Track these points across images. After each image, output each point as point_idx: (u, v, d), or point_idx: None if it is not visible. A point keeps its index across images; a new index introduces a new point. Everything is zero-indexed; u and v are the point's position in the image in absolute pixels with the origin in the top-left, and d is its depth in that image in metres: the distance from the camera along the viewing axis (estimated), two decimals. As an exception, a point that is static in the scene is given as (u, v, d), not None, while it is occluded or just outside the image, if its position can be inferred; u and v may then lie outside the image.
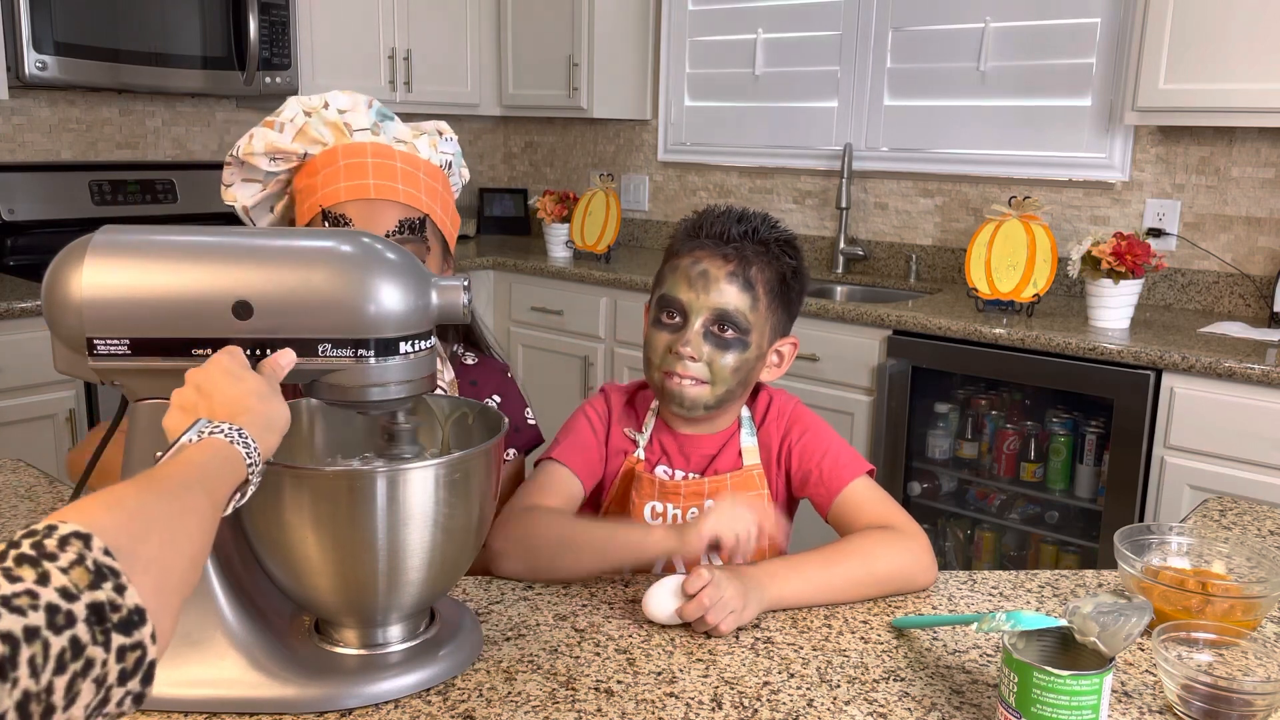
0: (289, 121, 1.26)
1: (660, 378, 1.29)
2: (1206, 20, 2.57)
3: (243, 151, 1.26)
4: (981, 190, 3.34)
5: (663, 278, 1.31)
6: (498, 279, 3.83)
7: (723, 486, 1.32)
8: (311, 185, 1.26)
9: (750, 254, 1.27)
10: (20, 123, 3.23)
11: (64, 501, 1.42)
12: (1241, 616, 1.09)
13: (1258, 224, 2.88)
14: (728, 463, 1.34)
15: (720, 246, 1.26)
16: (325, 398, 0.93)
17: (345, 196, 1.24)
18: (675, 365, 1.26)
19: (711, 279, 1.25)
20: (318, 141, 1.27)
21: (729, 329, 1.26)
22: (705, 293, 1.25)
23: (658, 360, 1.29)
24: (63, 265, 0.90)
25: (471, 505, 0.97)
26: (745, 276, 1.26)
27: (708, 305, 1.25)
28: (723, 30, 3.84)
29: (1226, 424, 2.39)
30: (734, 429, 1.36)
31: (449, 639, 1.01)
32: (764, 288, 1.27)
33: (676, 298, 1.27)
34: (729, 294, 1.25)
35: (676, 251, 1.30)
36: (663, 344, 1.28)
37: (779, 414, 1.36)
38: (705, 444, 1.35)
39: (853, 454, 1.33)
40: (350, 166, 1.25)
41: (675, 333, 1.27)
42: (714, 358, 1.26)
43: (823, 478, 1.30)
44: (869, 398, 2.94)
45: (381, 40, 3.73)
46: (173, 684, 0.92)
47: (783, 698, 0.97)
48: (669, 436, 1.36)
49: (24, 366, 2.64)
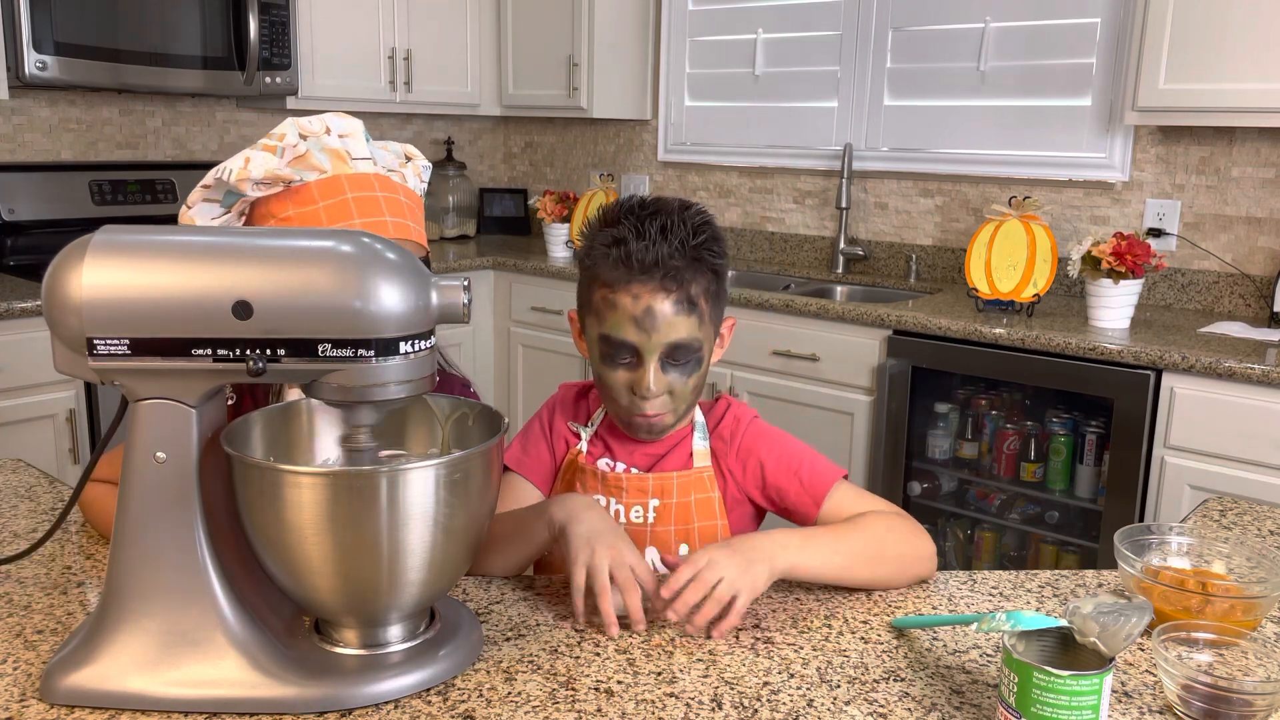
0: (290, 147, 1.21)
1: (626, 417, 1.28)
2: (1206, 20, 2.57)
3: (236, 176, 1.19)
4: (981, 190, 3.34)
5: (599, 312, 1.24)
6: (498, 279, 3.82)
7: (668, 484, 1.31)
8: (312, 215, 1.21)
9: (685, 273, 1.21)
10: (20, 123, 3.23)
11: (64, 502, 1.42)
12: (1241, 616, 1.09)
13: (1258, 224, 2.88)
14: (676, 463, 1.33)
15: (655, 276, 1.20)
16: (325, 398, 0.93)
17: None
18: (642, 406, 1.25)
19: (658, 316, 1.20)
20: (316, 169, 1.22)
21: (684, 355, 1.24)
22: (655, 331, 1.21)
23: (623, 400, 1.26)
24: (63, 265, 0.90)
25: (471, 505, 0.97)
26: (688, 299, 1.22)
27: (660, 343, 1.22)
28: (723, 30, 3.84)
29: (1226, 424, 2.39)
30: (685, 432, 1.35)
31: (449, 639, 1.01)
32: (704, 298, 1.24)
33: (625, 341, 1.22)
34: (679, 325, 1.21)
35: (609, 283, 1.22)
36: (622, 383, 1.25)
37: (735, 421, 1.35)
38: (654, 445, 1.34)
39: (825, 461, 1.32)
40: (361, 201, 1.23)
41: (632, 370, 1.25)
42: (675, 385, 1.25)
43: (805, 487, 1.29)
44: (869, 398, 2.94)
45: (381, 40, 3.73)
46: (173, 684, 0.93)
47: (783, 698, 0.97)
48: (615, 433, 1.35)
49: (24, 366, 2.64)
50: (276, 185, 1.22)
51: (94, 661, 0.93)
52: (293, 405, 1.07)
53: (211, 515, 0.95)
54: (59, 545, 1.28)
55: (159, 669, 0.93)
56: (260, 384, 1.06)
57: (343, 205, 1.22)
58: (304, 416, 1.07)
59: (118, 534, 0.94)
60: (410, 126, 4.27)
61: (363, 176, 1.25)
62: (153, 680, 0.93)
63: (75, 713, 0.92)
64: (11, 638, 1.05)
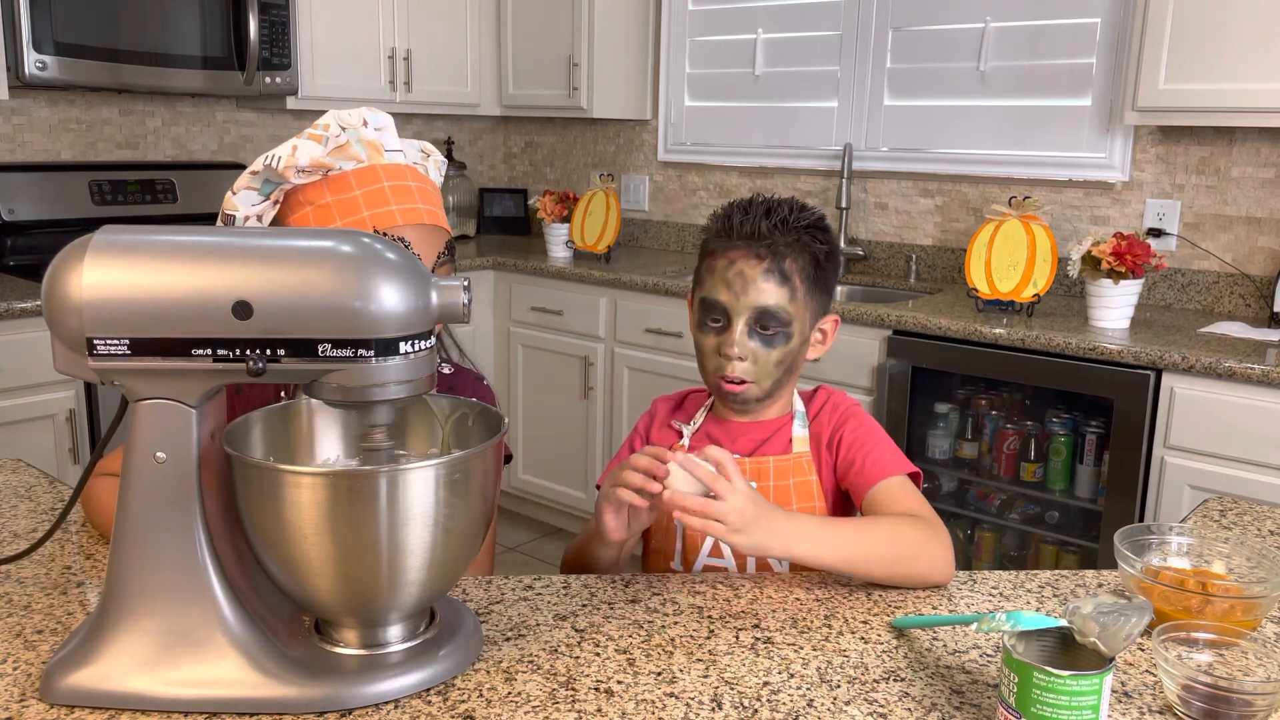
0: (334, 137, 1.26)
1: (714, 380, 1.34)
2: (1206, 20, 2.57)
3: (285, 163, 1.23)
4: (981, 190, 3.34)
5: (701, 279, 1.34)
6: (498, 279, 3.83)
7: (765, 468, 1.35)
8: (350, 202, 1.26)
9: (782, 247, 1.30)
10: (20, 123, 3.23)
11: (64, 502, 1.42)
12: (1241, 616, 1.09)
13: (1258, 224, 2.88)
14: (776, 448, 1.37)
15: (753, 245, 1.29)
16: (325, 398, 0.93)
17: (401, 220, 1.27)
18: (725, 367, 1.31)
19: (749, 279, 1.29)
20: (354, 158, 1.27)
21: (771, 324, 1.30)
22: (745, 294, 1.29)
23: (710, 364, 1.34)
24: (63, 265, 0.90)
25: (471, 505, 0.97)
26: (780, 271, 1.29)
27: (748, 305, 1.29)
28: (723, 30, 3.84)
29: (1226, 424, 2.39)
30: (786, 420, 1.39)
31: (449, 639, 1.01)
32: (800, 277, 1.31)
33: (717, 300, 1.31)
34: (767, 292, 1.29)
35: (711, 252, 1.33)
36: (710, 346, 1.33)
37: (833, 409, 1.40)
38: (755, 430, 1.39)
39: (899, 455, 1.35)
40: (397, 189, 1.28)
41: (721, 334, 1.32)
42: (759, 354, 1.31)
43: (863, 468, 1.32)
44: (869, 398, 2.94)
45: (381, 40, 3.73)
46: (172, 684, 0.93)
47: (783, 698, 0.97)
48: (718, 425, 1.40)
49: (24, 366, 2.64)
50: (317, 173, 1.26)
51: (94, 661, 0.93)
52: (293, 405, 1.07)
53: (211, 515, 0.95)
54: (59, 545, 1.28)
55: (159, 669, 0.93)
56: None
57: (379, 193, 1.27)
58: (304, 416, 1.07)
59: (118, 534, 0.94)
60: (410, 126, 4.27)
61: (397, 167, 1.30)
62: (153, 680, 0.93)
63: (75, 713, 0.92)
64: (11, 638, 1.05)
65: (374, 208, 1.26)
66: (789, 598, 1.18)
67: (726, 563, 1.34)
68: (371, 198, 1.26)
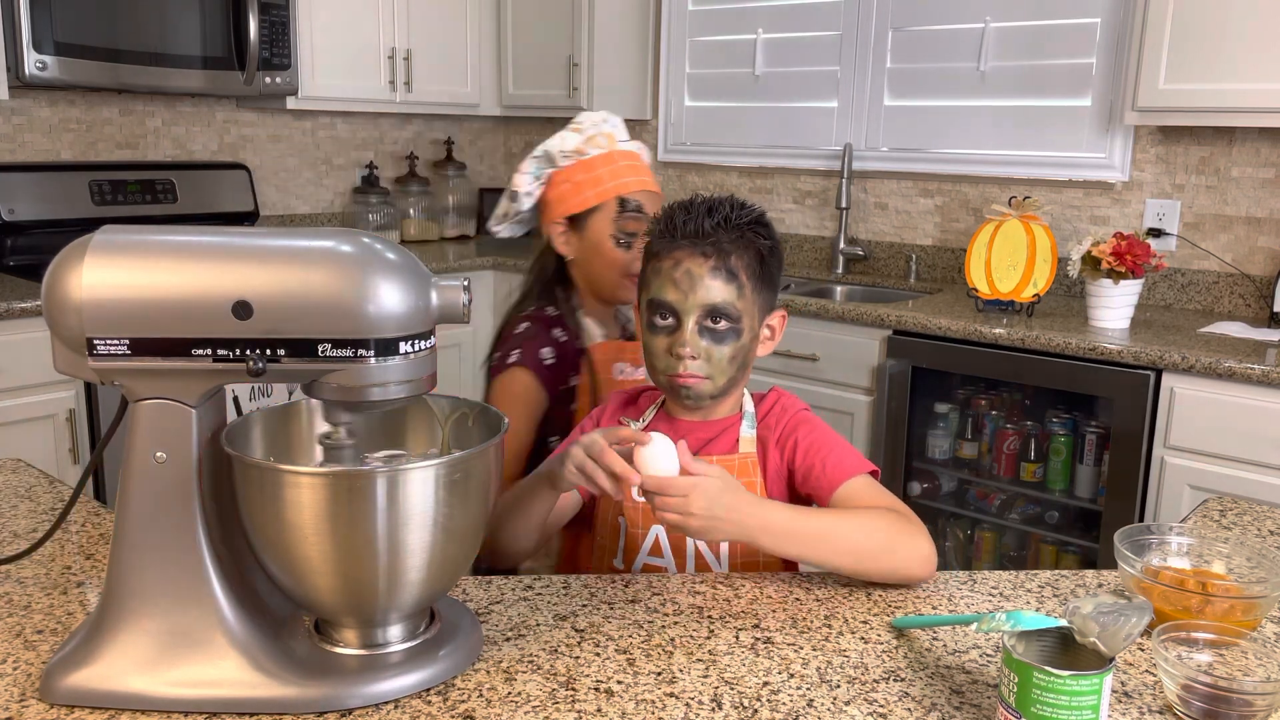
0: (586, 129, 1.69)
1: (665, 379, 1.34)
2: (1206, 20, 2.57)
3: (558, 147, 1.67)
4: (981, 190, 3.34)
5: (647, 281, 1.35)
6: (498, 279, 3.82)
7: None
8: (597, 177, 1.67)
9: (727, 244, 1.30)
10: (20, 123, 3.23)
11: (64, 502, 1.42)
12: (1241, 616, 1.09)
13: (1258, 224, 2.89)
14: (722, 448, 1.37)
15: (698, 244, 1.30)
16: (325, 398, 0.93)
17: (637, 187, 1.68)
18: (677, 366, 1.31)
19: (696, 277, 1.29)
20: (600, 146, 1.69)
21: (721, 320, 1.30)
22: (693, 292, 1.29)
23: (661, 365, 1.33)
24: (63, 265, 0.90)
25: (471, 505, 0.97)
26: (727, 268, 1.30)
27: (698, 304, 1.29)
28: (723, 30, 3.84)
29: (1226, 424, 2.39)
30: (734, 420, 1.39)
31: (449, 639, 1.01)
32: (746, 273, 1.31)
33: (666, 300, 1.31)
34: (715, 289, 1.29)
35: (656, 253, 1.34)
36: (661, 347, 1.33)
37: (782, 411, 1.39)
38: (702, 430, 1.38)
39: (858, 455, 1.35)
40: (630, 166, 1.70)
41: (671, 334, 1.32)
42: (711, 351, 1.31)
43: (825, 471, 1.32)
44: (869, 398, 2.94)
45: (381, 40, 3.73)
46: (173, 684, 0.93)
47: (783, 698, 0.97)
48: (667, 423, 1.39)
49: (24, 366, 2.64)
50: (573, 157, 1.69)
51: (94, 661, 0.93)
52: (293, 405, 1.07)
53: (211, 515, 0.95)
54: (59, 545, 1.28)
55: (159, 669, 0.93)
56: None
57: (618, 170, 1.68)
58: (304, 416, 1.07)
59: (118, 534, 0.94)
60: (410, 126, 4.27)
61: (628, 152, 1.72)
62: (153, 680, 0.93)
63: (75, 713, 0.92)
64: (11, 638, 1.05)
65: (613, 180, 1.67)
66: (789, 598, 1.18)
67: (666, 562, 1.34)
68: (614, 173, 1.68)
